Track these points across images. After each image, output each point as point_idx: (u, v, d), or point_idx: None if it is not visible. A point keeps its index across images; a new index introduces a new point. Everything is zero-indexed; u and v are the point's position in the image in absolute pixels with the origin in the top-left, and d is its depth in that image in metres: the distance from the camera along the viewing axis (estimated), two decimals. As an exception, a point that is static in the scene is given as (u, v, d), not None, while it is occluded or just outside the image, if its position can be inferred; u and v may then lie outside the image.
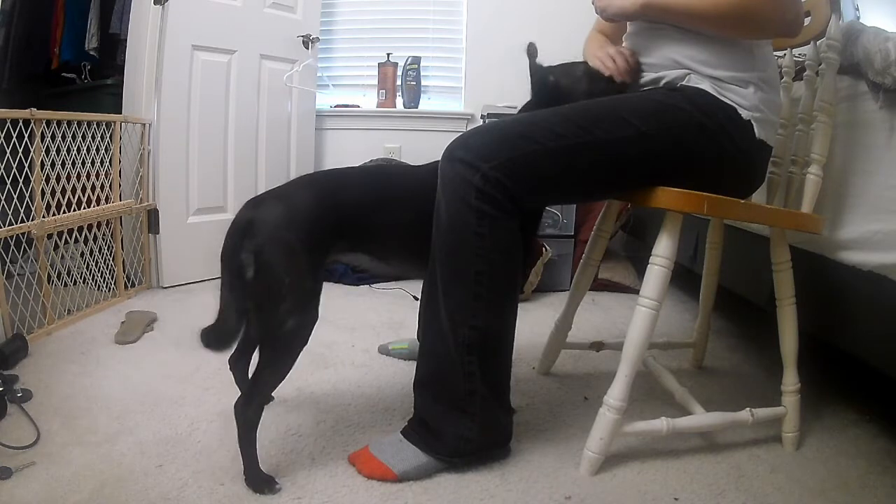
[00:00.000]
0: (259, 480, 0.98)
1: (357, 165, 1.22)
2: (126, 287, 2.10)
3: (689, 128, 1.06)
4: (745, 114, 1.08)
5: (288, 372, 1.03)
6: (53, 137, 1.73)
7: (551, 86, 1.18)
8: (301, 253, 0.98)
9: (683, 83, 1.11)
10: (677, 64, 1.12)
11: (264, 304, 0.99)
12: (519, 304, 1.09)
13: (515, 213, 1.02)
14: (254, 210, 1.00)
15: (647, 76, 1.17)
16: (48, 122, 1.71)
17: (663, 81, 1.14)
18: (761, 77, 1.09)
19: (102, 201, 1.96)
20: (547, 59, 1.20)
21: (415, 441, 1.06)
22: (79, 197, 1.84)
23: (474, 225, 0.99)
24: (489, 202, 0.98)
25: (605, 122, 1.04)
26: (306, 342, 1.02)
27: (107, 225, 2.01)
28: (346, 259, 1.13)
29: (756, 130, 1.08)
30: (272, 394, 1.31)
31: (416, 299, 2.09)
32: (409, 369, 1.35)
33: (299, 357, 1.01)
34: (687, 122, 1.06)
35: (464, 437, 1.04)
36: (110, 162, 2.00)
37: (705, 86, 1.09)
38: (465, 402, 1.03)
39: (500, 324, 1.05)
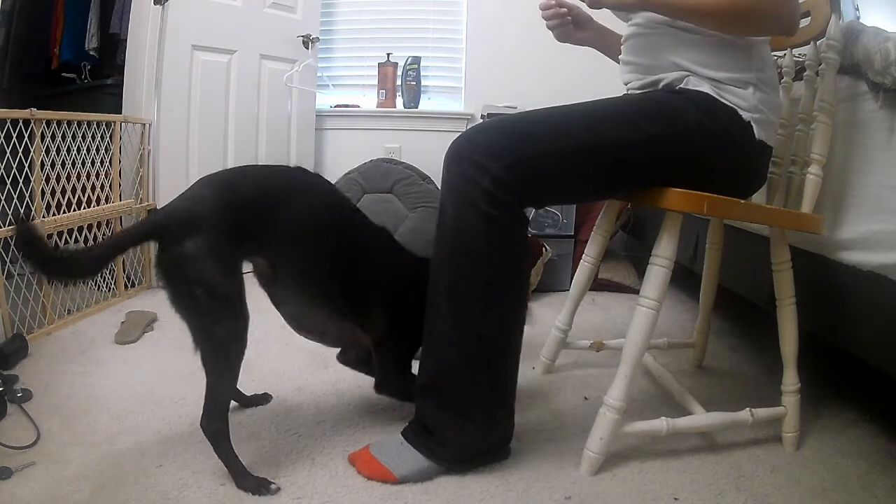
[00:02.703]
0: (252, 484, 0.98)
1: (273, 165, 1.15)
2: (126, 287, 2.10)
3: (695, 130, 1.05)
4: (745, 115, 1.07)
5: (235, 378, 1.02)
6: (53, 137, 1.73)
7: None
8: (208, 258, 0.94)
9: (682, 86, 1.10)
10: (675, 66, 1.12)
11: (189, 317, 0.97)
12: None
13: (524, 216, 1.00)
14: (162, 219, 0.96)
15: (645, 79, 1.17)
16: (48, 122, 1.71)
17: (662, 84, 1.13)
18: (760, 77, 1.09)
19: (102, 201, 1.96)
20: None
21: (416, 445, 1.05)
22: (79, 197, 1.84)
23: (484, 232, 0.96)
24: (499, 207, 0.95)
25: (615, 124, 1.04)
26: (243, 346, 0.99)
27: (107, 225, 2.01)
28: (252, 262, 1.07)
29: (756, 131, 1.08)
30: (270, 393, 1.31)
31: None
32: (409, 369, 1.35)
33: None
34: (693, 124, 1.05)
35: (467, 443, 1.04)
36: (110, 162, 2.01)
37: (705, 88, 1.08)
38: (469, 409, 1.02)
39: (508, 332, 1.03)
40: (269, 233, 1.00)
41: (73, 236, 1.84)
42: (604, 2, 1.13)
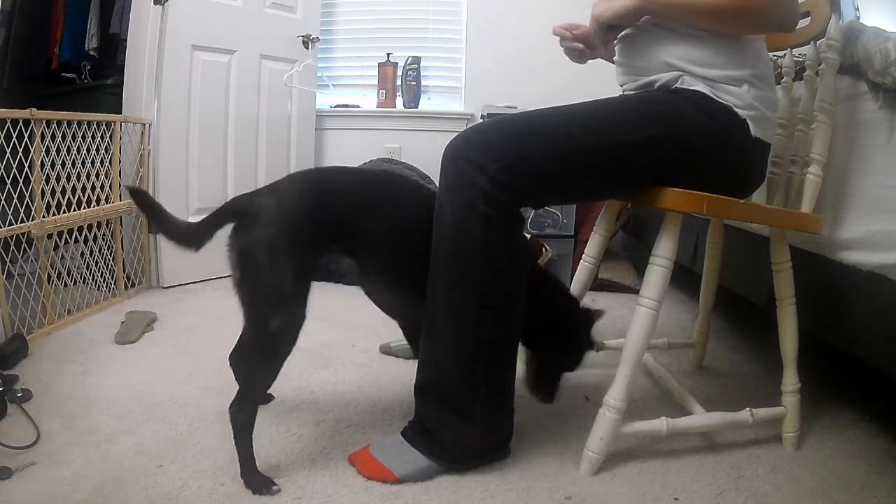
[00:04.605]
0: (256, 482, 0.98)
1: (364, 167, 1.19)
2: (126, 287, 2.10)
3: (694, 130, 1.05)
4: (741, 113, 1.07)
5: (276, 373, 1.02)
6: (53, 137, 1.73)
7: None
8: (286, 252, 0.96)
9: (677, 85, 1.10)
10: (668, 66, 1.11)
11: (249, 303, 0.98)
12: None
13: (521, 216, 1.00)
14: (247, 203, 0.99)
15: (639, 80, 1.17)
16: (48, 122, 1.70)
17: (657, 85, 1.13)
18: (754, 74, 1.09)
19: (102, 201, 1.96)
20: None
21: (416, 445, 1.05)
22: (79, 197, 1.84)
23: (481, 232, 0.96)
24: (496, 207, 0.96)
25: (614, 124, 1.03)
26: (293, 343, 1.00)
27: (107, 225, 2.01)
28: (340, 264, 1.10)
29: (752, 129, 1.08)
30: (272, 393, 1.31)
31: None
32: (409, 369, 1.35)
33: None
34: (692, 124, 1.05)
35: (466, 443, 1.04)
36: (110, 162, 2.00)
37: (699, 87, 1.08)
38: (468, 409, 1.02)
39: (506, 332, 1.03)
40: (359, 237, 1.03)
41: (73, 236, 1.84)
42: (604, 18, 1.12)
